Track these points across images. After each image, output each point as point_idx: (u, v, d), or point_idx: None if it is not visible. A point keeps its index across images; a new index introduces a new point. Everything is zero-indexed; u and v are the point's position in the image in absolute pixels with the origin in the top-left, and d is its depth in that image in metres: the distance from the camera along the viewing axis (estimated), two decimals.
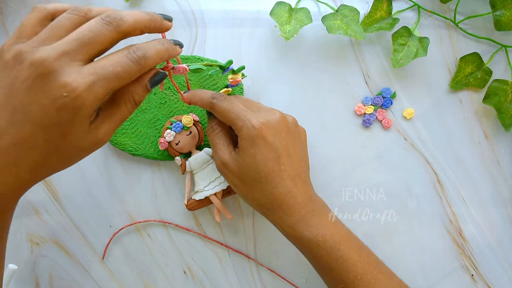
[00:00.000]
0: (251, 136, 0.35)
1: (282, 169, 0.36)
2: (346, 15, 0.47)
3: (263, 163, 0.36)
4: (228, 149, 0.38)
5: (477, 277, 0.48)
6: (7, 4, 0.49)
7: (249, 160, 0.36)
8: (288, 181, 0.36)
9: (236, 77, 0.42)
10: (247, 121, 0.36)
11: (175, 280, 0.48)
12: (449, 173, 0.49)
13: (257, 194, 0.37)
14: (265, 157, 0.36)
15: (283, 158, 0.36)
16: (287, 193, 0.36)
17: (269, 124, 0.36)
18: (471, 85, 0.49)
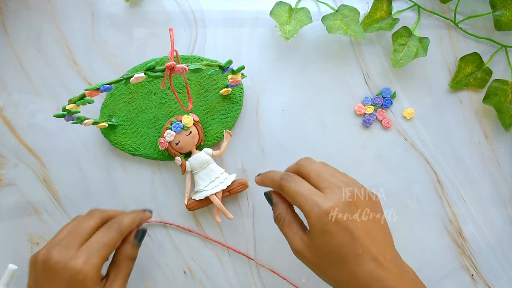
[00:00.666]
0: (321, 222, 0.33)
1: (360, 252, 0.33)
2: (346, 15, 0.47)
3: (338, 250, 0.33)
4: (299, 236, 0.35)
5: (477, 277, 0.48)
6: (7, 4, 0.49)
7: (322, 248, 0.33)
8: (370, 262, 0.33)
9: (236, 77, 0.42)
10: (315, 206, 0.33)
11: (175, 280, 0.48)
12: (449, 173, 0.49)
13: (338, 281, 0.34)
14: (339, 243, 0.33)
15: (361, 240, 0.33)
16: (370, 276, 0.32)
17: (340, 205, 0.33)
18: (471, 85, 0.49)
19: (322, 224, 0.33)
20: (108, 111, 0.47)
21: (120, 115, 0.47)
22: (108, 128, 0.47)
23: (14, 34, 0.49)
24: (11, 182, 0.48)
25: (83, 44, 0.49)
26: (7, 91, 0.49)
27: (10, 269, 0.44)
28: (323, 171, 0.36)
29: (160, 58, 0.48)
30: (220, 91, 0.47)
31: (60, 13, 0.49)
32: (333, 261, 0.33)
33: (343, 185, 0.35)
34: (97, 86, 0.34)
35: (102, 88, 0.34)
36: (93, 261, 0.35)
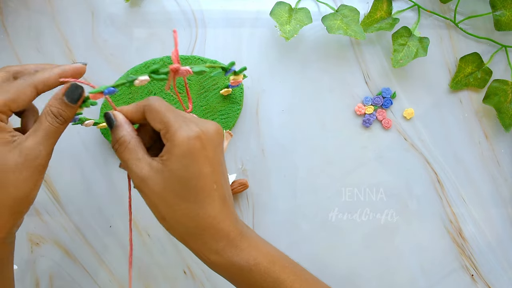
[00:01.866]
0: (189, 143, 0.29)
1: (215, 188, 0.31)
2: (346, 15, 0.47)
3: (196, 177, 0.30)
4: (146, 161, 0.31)
5: (477, 277, 0.48)
6: (7, 4, 0.49)
7: (178, 172, 0.30)
8: (218, 202, 0.31)
9: (237, 78, 0.42)
10: (185, 125, 0.30)
11: (175, 280, 0.48)
12: (449, 173, 0.49)
13: (181, 215, 0.31)
14: (200, 170, 0.30)
15: (217, 175, 0.31)
16: (216, 216, 0.31)
17: (209, 134, 0.31)
18: (471, 85, 0.49)
19: (189, 145, 0.29)
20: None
21: None
22: (107, 129, 0.47)
23: (14, 34, 0.49)
24: None
25: (83, 44, 0.49)
26: None
27: None
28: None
29: (161, 59, 0.47)
30: (220, 91, 0.47)
31: (60, 13, 0.49)
32: (185, 190, 0.30)
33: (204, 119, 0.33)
34: (101, 89, 0.34)
35: (107, 91, 0.34)
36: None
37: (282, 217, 0.48)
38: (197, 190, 0.30)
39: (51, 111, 0.32)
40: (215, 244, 0.31)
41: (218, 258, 0.32)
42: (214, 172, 0.31)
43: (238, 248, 0.32)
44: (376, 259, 0.48)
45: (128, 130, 0.32)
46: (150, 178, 0.30)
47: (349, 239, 0.48)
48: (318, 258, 0.48)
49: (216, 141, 0.31)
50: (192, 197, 0.30)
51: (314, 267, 0.48)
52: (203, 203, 0.30)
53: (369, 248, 0.48)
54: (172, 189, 0.30)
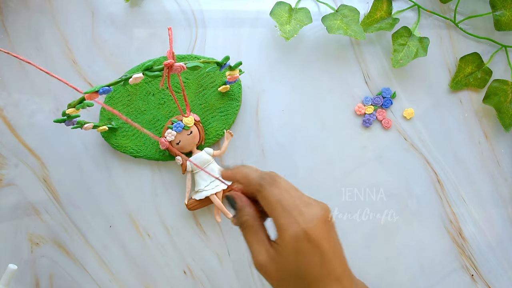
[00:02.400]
0: (298, 240, 0.30)
1: (327, 273, 0.31)
2: (346, 15, 0.47)
3: (307, 270, 0.31)
4: (265, 247, 0.33)
5: (477, 277, 0.48)
6: (7, 4, 0.49)
7: (290, 266, 0.31)
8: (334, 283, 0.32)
9: (233, 73, 0.42)
10: (295, 222, 0.30)
11: (175, 280, 0.48)
12: (449, 173, 0.49)
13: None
14: (311, 263, 0.31)
15: (330, 260, 0.31)
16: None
17: (318, 224, 0.31)
18: (471, 85, 0.49)
19: (298, 243, 0.30)
20: (108, 114, 0.47)
21: (119, 118, 0.47)
22: (108, 132, 0.47)
23: (14, 34, 0.49)
24: (11, 182, 0.48)
25: (83, 44, 0.49)
26: (7, 91, 0.49)
27: (11, 269, 0.44)
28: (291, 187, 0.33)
29: (157, 59, 0.47)
30: (218, 88, 0.47)
31: (60, 13, 0.49)
32: (298, 281, 0.31)
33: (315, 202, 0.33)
34: (96, 88, 0.34)
35: (101, 90, 0.34)
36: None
37: None
38: (308, 280, 0.31)
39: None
40: None
41: None
42: (325, 260, 0.31)
43: None
44: (376, 259, 0.48)
45: (251, 213, 0.33)
46: (268, 265, 0.32)
47: (349, 239, 0.48)
48: None
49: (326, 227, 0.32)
50: (306, 285, 0.31)
51: None
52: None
53: (369, 248, 0.48)
54: (287, 279, 0.32)
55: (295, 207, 0.31)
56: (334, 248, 0.32)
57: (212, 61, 0.38)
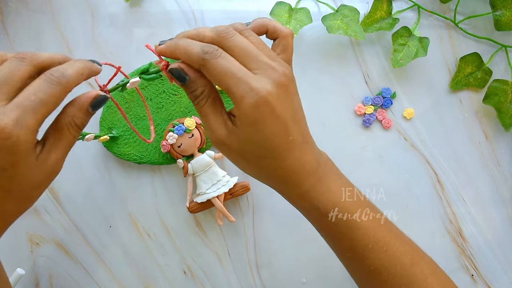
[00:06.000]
0: (256, 109, 0.29)
1: (291, 140, 0.31)
2: (346, 15, 0.47)
3: (270, 138, 0.30)
4: (223, 120, 0.31)
5: (477, 277, 0.48)
6: (7, 4, 0.49)
7: (252, 137, 0.30)
8: (296, 151, 0.31)
9: None
10: (249, 90, 0.28)
11: (175, 280, 0.48)
12: (449, 173, 0.49)
13: (263, 169, 0.32)
14: (273, 131, 0.30)
15: (292, 128, 0.31)
16: (295, 164, 0.31)
17: (278, 91, 0.29)
18: (471, 85, 0.49)
19: (257, 111, 0.29)
20: (107, 124, 0.47)
21: (119, 126, 0.47)
22: (110, 141, 0.47)
23: (14, 34, 0.49)
24: None
25: (83, 44, 0.49)
26: None
27: (18, 274, 0.44)
28: (249, 46, 0.30)
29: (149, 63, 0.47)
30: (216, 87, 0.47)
31: (60, 13, 0.49)
32: (261, 150, 0.30)
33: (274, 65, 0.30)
34: None
35: None
36: (27, 121, 0.26)
37: (282, 217, 0.48)
38: (273, 148, 0.30)
39: (76, 123, 0.30)
40: (297, 189, 0.32)
41: (299, 200, 0.33)
42: (287, 126, 0.30)
43: (318, 193, 0.33)
44: None
45: (205, 84, 0.31)
46: (228, 139, 0.30)
47: None
48: (319, 259, 0.48)
49: (287, 93, 0.30)
50: (270, 154, 0.30)
51: (315, 267, 0.48)
52: (282, 157, 0.31)
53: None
54: (248, 149, 0.31)
55: (248, 74, 0.29)
56: (294, 114, 0.31)
57: None
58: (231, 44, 0.30)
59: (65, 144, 0.30)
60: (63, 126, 0.30)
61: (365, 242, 0.33)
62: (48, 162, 0.29)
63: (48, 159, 0.29)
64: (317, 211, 0.33)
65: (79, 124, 0.30)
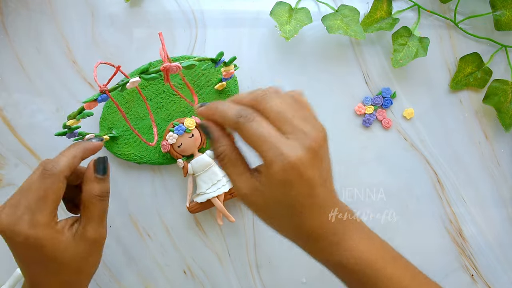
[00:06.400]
0: (285, 173, 0.29)
1: (314, 202, 0.31)
2: (346, 15, 0.47)
3: (296, 199, 0.31)
4: (246, 177, 0.32)
5: (477, 277, 0.48)
6: (7, 4, 0.49)
7: (278, 197, 0.31)
8: (320, 210, 0.32)
9: (229, 69, 0.42)
10: (279, 155, 0.29)
11: (175, 280, 0.48)
12: (449, 173, 0.49)
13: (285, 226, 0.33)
14: (299, 193, 0.30)
15: (318, 190, 0.31)
16: (318, 223, 0.32)
17: (307, 156, 0.30)
18: (471, 85, 0.49)
19: (285, 176, 0.30)
20: (107, 124, 0.47)
21: (119, 126, 0.47)
22: (110, 141, 0.47)
23: (14, 34, 0.49)
24: (11, 182, 0.48)
25: (83, 44, 0.49)
26: (7, 91, 0.49)
27: (18, 274, 0.44)
28: (284, 109, 0.31)
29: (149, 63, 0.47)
30: (214, 86, 0.47)
31: (60, 13, 0.49)
32: (286, 209, 0.31)
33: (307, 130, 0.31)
34: (95, 97, 0.34)
35: (100, 98, 0.34)
36: (38, 219, 0.32)
37: None
38: (298, 208, 0.31)
39: (97, 195, 0.35)
40: (316, 244, 0.33)
41: (319, 257, 0.34)
42: (314, 188, 0.31)
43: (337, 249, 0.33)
44: None
45: (227, 143, 0.33)
46: (251, 196, 0.32)
47: None
48: None
49: (317, 157, 0.31)
50: (294, 213, 0.31)
51: (315, 267, 0.48)
52: (305, 216, 0.31)
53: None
54: (273, 207, 0.31)
55: (280, 139, 0.30)
56: (321, 177, 0.32)
57: (207, 58, 0.38)
58: (267, 108, 0.31)
59: (96, 215, 0.35)
60: (86, 202, 0.35)
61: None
62: (87, 234, 0.34)
63: (86, 232, 0.34)
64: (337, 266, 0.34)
65: (99, 193, 0.35)
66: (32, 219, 0.32)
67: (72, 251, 0.33)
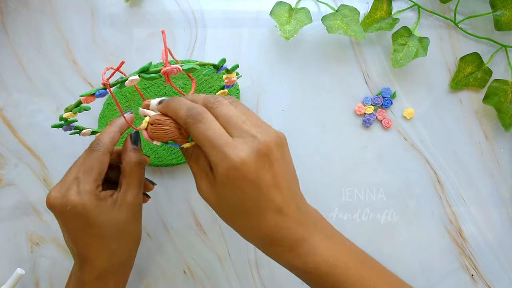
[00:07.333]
0: (229, 175, 0.30)
1: (263, 205, 0.31)
2: (346, 15, 0.47)
3: (242, 201, 0.31)
4: (205, 176, 0.33)
5: (477, 277, 0.48)
6: (7, 4, 0.49)
7: (227, 197, 0.32)
8: (273, 213, 0.32)
9: (230, 77, 0.42)
10: (224, 157, 0.30)
11: (175, 280, 0.48)
12: (449, 173, 0.49)
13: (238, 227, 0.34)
14: (245, 195, 0.31)
15: (268, 193, 0.31)
16: (273, 226, 0.32)
17: (254, 159, 0.30)
18: (471, 85, 0.49)
19: (229, 178, 0.30)
20: (107, 121, 0.47)
21: None
22: None
23: (14, 34, 0.49)
24: (11, 182, 0.48)
25: (83, 44, 0.49)
26: (7, 91, 0.49)
27: (18, 274, 0.44)
28: (235, 114, 0.32)
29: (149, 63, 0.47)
30: (216, 93, 0.47)
31: (60, 13, 0.49)
32: (237, 211, 0.32)
33: (256, 133, 0.31)
34: (92, 91, 0.33)
35: (97, 93, 0.33)
36: (84, 188, 0.35)
37: None
38: (246, 210, 0.32)
39: (136, 161, 0.38)
40: (274, 248, 0.33)
41: (278, 259, 0.33)
42: (262, 191, 0.31)
43: (298, 254, 0.32)
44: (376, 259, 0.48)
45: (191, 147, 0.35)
46: (209, 193, 0.33)
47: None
48: None
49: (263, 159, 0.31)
50: (244, 215, 0.32)
51: None
52: (256, 219, 0.32)
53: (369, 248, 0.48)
54: (225, 207, 0.33)
55: (226, 141, 0.31)
56: (273, 179, 0.31)
57: (208, 64, 0.38)
58: (218, 110, 0.32)
59: (135, 181, 0.38)
60: (126, 169, 0.38)
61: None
62: (127, 200, 0.37)
63: (126, 197, 0.37)
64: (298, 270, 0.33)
65: (135, 160, 0.38)
66: (79, 188, 0.35)
67: (114, 216, 0.36)
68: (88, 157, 0.36)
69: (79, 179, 0.35)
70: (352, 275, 0.32)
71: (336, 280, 0.32)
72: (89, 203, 0.35)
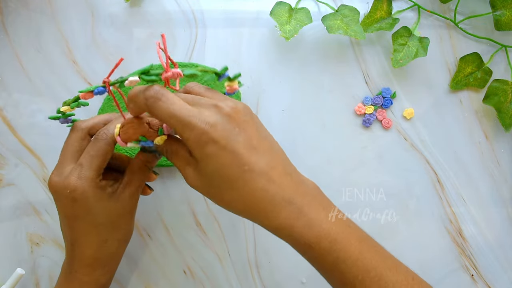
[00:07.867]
0: (201, 144, 0.30)
1: (246, 169, 0.30)
2: (346, 15, 0.47)
3: (221, 169, 0.30)
4: (188, 164, 0.33)
5: (477, 277, 0.48)
6: (7, 4, 0.49)
7: (206, 170, 0.31)
8: (259, 180, 0.30)
9: (232, 85, 0.41)
10: (192, 128, 0.30)
11: (175, 280, 0.48)
12: (449, 173, 0.49)
13: (228, 202, 0.32)
14: (222, 163, 0.30)
15: (246, 157, 0.30)
16: (261, 195, 0.31)
17: (222, 122, 0.30)
18: (471, 85, 0.49)
19: (203, 149, 0.30)
20: None
21: None
22: None
23: (14, 34, 0.49)
24: (11, 182, 0.48)
25: (83, 44, 0.49)
26: (7, 91, 0.49)
27: (18, 274, 0.44)
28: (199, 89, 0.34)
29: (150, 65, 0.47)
30: None
31: (60, 13, 0.49)
32: (221, 183, 0.31)
33: (220, 103, 0.31)
34: (91, 88, 0.33)
35: (96, 91, 0.33)
36: (85, 174, 0.35)
37: None
38: (227, 179, 0.31)
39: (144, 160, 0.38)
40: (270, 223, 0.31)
41: (278, 234, 0.32)
42: (239, 156, 0.30)
43: (294, 228, 0.31)
44: None
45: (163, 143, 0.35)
46: (193, 177, 0.32)
47: None
48: None
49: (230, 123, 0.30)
50: (227, 186, 0.31)
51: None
52: (240, 188, 0.31)
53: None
54: (209, 184, 0.32)
55: (190, 112, 0.30)
56: (247, 142, 0.31)
57: (210, 70, 0.37)
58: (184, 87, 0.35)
59: (137, 180, 0.38)
60: (134, 165, 0.38)
61: (355, 274, 0.31)
62: (124, 195, 0.37)
63: (123, 193, 0.37)
64: (297, 244, 0.32)
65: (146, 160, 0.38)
66: (81, 173, 0.35)
67: (110, 206, 0.36)
68: (93, 145, 0.36)
69: (81, 165, 0.35)
70: (353, 252, 0.31)
71: (337, 257, 0.31)
72: (89, 189, 0.35)
